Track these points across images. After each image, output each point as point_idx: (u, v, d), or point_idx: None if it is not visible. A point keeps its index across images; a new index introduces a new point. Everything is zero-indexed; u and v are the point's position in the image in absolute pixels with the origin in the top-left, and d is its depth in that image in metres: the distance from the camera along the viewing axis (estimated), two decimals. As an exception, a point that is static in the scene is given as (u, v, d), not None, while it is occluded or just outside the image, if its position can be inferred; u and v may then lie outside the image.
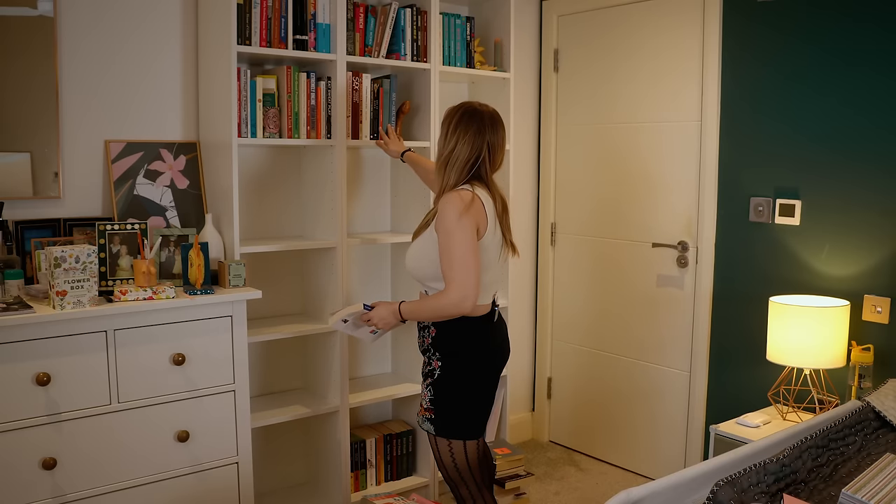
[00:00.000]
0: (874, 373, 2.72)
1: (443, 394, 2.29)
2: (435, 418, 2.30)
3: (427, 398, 2.32)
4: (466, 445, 2.31)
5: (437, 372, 2.29)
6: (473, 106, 2.28)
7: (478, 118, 2.24)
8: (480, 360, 2.29)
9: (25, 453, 2.15)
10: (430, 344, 2.30)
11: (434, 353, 2.30)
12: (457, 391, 2.28)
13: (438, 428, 2.30)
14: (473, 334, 2.27)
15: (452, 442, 2.30)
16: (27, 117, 2.56)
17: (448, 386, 2.28)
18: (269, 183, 3.05)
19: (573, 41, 3.81)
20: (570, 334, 3.93)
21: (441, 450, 2.33)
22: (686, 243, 3.38)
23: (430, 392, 2.31)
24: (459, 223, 2.13)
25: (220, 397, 2.49)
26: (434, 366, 2.30)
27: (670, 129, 3.41)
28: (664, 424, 3.51)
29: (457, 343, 2.26)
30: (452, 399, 2.28)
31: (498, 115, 2.30)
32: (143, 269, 2.36)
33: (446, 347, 2.27)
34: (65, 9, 2.59)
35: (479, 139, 2.23)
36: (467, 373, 2.28)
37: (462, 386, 2.28)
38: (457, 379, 2.27)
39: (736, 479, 1.77)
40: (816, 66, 2.90)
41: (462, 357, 2.27)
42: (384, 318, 2.31)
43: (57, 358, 2.18)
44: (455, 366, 2.27)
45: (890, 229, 2.74)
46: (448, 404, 2.29)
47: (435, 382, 2.30)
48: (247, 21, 2.66)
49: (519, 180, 3.88)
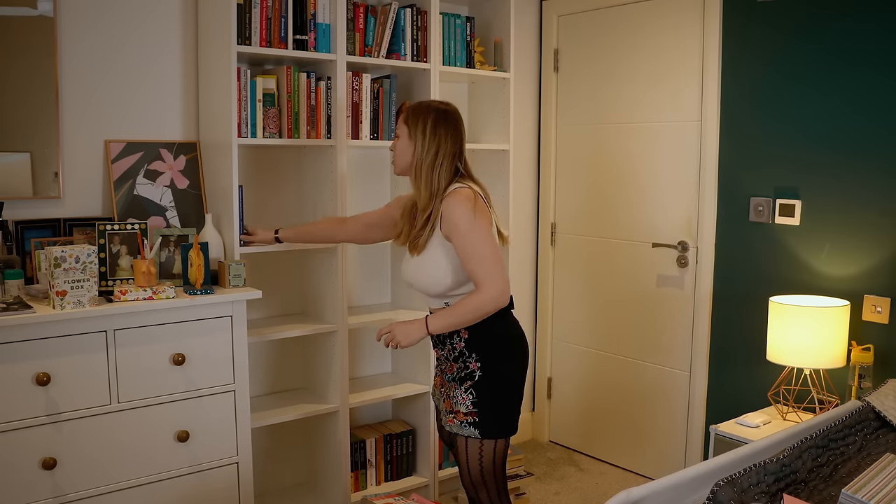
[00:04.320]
0: (874, 373, 2.72)
1: (487, 393, 2.20)
2: (480, 421, 2.20)
3: (468, 402, 2.21)
4: (497, 444, 2.23)
5: (477, 374, 2.20)
6: (434, 105, 2.26)
7: (449, 115, 2.23)
8: (517, 350, 2.26)
9: (25, 453, 2.15)
10: (465, 348, 2.22)
11: (470, 356, 2.22)
12: (502, 388, 2.22)
13: (484, 430, 2.20)
14: (505, 327, 2.23)
15: (484, 442, 2.22)
16: (27, 117, 2.56)
17: (492, 384, 2.20)
18: (270, 183, 3.05)
19: (573, 41, 3.81)
20: (570, 334, 3.93)
21: (470, 453, 2.24)
22: (686, 243, 3.38)
23: (472, 395, 2.20)
24: (475, 221, 2.11)
25: (220, 397, 2.49)
26: (472, 367, 2.21)
27: (670, 129, 3.41)
28: (664, 424, 3.51)
29: (494, 339, 2.21)
30: (498, 397, 2.21)
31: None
32: (143, 269, 2.35)
33: (484, 346, 2.21)
34: (65, 9, 2.59)
35: (458, 133, 2.23)
36: (510, 366, 2.23)
37: (506, 381, 2.22)
38: (501, 375, 2.21)
39: (736, 479, 1.77)
40: (816, 66, 2.90)
41: (502, 352, 2.22)
42: (408, 333, 2.21)
43: (57, 358, 2.18)
44: (496, 362, 2.21)
45: (890, 229, 2.75)
46: (494, 403, 2.21)
47: (476, 384, 2.20)
48: (247, 21, 2.66)
49: (519, 180, 3.88)
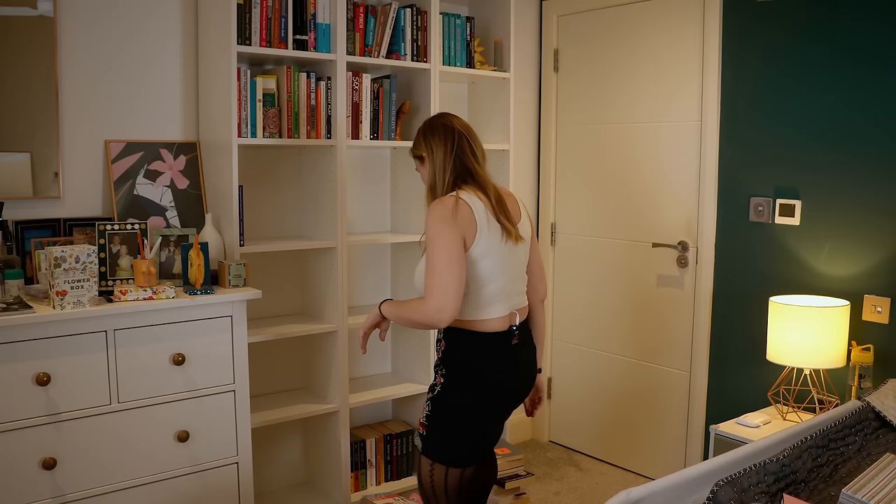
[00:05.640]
0: (874, 373, 2.72)
1: (440, 411, 2.12)
2: (426, 436, 2.14)
3: (424, 413, 2.16)
4: (448, 472, 2.12)
5: (437, 388, 2.13)
6: (427, 120, 2.22)
7: (437, 123, 2.17)
8: (485, 382, 2.10)
9: (25, 453, 2.15)
10: (440, 359, 2.15)
11: (441, 368, 2.14)
12: (454, 411, 2.10)
13: (426, 447, 2.14)
14: (483, 352, 2.09)
15: (434, 465, 2.13)
16: (27, 117, 2.56)
17: (446, 403, 2.11)
18: (269, 183, 3.05)
19: (573, 41, 3.81)
20: (570, 334, 3.93)
21: (422, 466, 2.17)
22: (686, 243, 3.38)
23: (428, 407, 2.15)
24: (439, 232, 2.00)
25: (220, 397, 2.49)
26: (437, 381, 2.14)
27: (670, 129, 3.41)
28: (664, 424, 3.51)
29: (463, 359, 2.10)
30: (448, 419, 2.11)
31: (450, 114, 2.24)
32: (143, 269, 2.35)
33: (452, 363, 2.11)
34: (65, 9, 2.59)
35: (449, 136, 2.13)
36: (467, 394, 2.09)
37: (461, 405, 2.10)
38: (458, 396, 2.10)
39: (736, 479, 1.77)
40: (816, 66, 2.90)
41: (465, 375, 2.10)
42: (368, 317, 2.20)
43: (57, 358, 2.18)
44: (456, 384, 2.10)
45: (890, 229, 2.74)
46: (443, 424, 2.12)
47: (434, 398, 2.14)
48: (247, 21, 2.66)
49: (519, 180, 3.88)
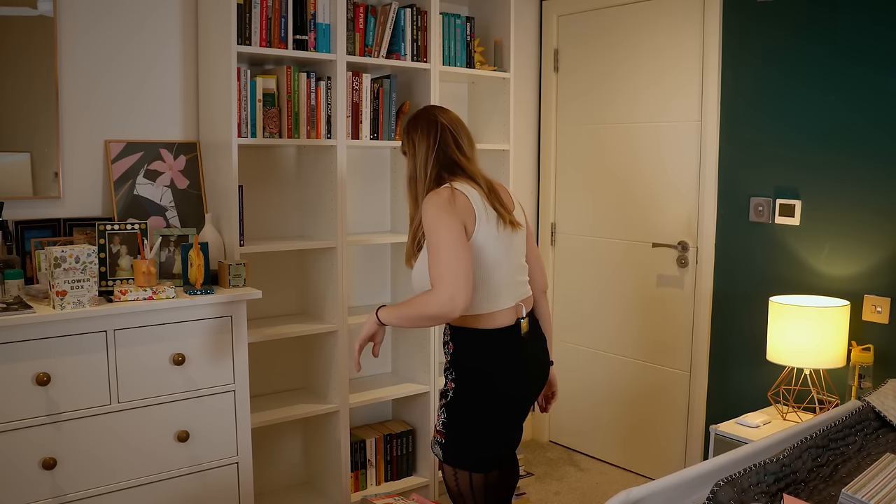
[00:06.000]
0: (874, 373, 2.72)
1: (455, 418, 2.06)
2: (445, 443, 2.08)
3: (440, 420, 2.10)
4: (472, 477, 2.08)
5: (450, 393, 2.07)
6: (411, 114, 2.20)
7: (420, 116, 2.14)
8: (500, 381, 2.05)
9: (25, 453, 2.15)
10: (449, 362, 2.08)
11: (451, 372, 2.07)
12: (470, 417, 2.05)
13: (447, 455, 2.08)
14: (494, 350, 2.04)
15: (458, 471, 2.09)
16: (27, 117, 2.56)
17: (461, 410, 2.05)
18: (269, 183, 3.05)
19: (573, 41, 3.81)
20: (570, 334, 3.93)
21: (446, 473, 2.13)
22: (686, 243, 3.38)
23: (444, 414, 2.08)
24: (440, 219, 1.94)
25: (220, 397, 2.49)
26: (448, 386, 2.08)
27: (670, 129, 3.41)
28: (664, 424, 3.51)
29: (474, 360, 2.04)
30: (465, 425, 2.06)
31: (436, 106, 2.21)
32: (143, 269, 2.35)
33: (463, 365, 2.05)
34: (65, 9, 2.59)
35: (432, 129, 2.08)
36: (484, 396, 2.04)
37: (477, 411, 2.04)
38: (471, 402, 2.04)
39: (736, 479, 1.77)
40: (816, 66, 2.90)
41: (479, 377, 2.04)
42: (360, 329, 2.11)
43: (57, 358, 2.18)
44: (470, 387, 2.04)
45: (890, 229, 2.74)
46: (460, 431, 2.06)
47: (448, 405, 2.07)
48: (247, 21, 2.66)
49: (519, 180, 3.88)
